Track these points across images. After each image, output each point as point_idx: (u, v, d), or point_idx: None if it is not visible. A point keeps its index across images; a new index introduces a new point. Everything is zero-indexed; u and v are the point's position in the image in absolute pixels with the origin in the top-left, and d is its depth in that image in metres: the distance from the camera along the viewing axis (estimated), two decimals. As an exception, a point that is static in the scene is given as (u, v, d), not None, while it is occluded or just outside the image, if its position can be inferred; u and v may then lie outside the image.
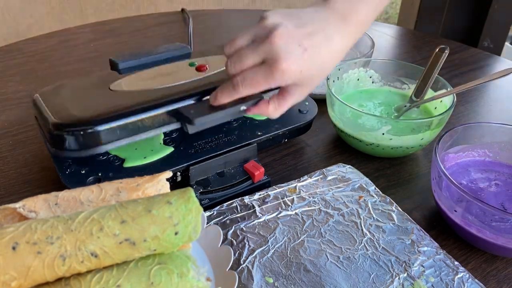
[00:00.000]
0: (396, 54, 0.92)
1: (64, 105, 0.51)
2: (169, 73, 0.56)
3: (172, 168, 0.51)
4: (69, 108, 0.50)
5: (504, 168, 0.56)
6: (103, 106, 0.49)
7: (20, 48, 0.87)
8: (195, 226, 0.35)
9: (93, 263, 0.32)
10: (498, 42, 1.58)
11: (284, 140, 0.61)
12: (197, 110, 0.48)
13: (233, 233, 0.48)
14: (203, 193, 0.53)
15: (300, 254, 0.46)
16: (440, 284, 0.43)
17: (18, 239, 0.31)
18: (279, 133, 0.59)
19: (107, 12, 1.25)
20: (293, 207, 0.51)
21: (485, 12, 1.52)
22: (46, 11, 1.18)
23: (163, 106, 0.49)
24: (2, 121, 0.67)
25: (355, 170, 0.57)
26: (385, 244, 0.47)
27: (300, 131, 0.62)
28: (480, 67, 0.87)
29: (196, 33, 0.94)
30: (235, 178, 0.55)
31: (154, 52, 0.60)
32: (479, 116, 0.72)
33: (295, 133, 0.62)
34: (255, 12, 1.10)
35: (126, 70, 0.58)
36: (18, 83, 0.76)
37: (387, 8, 2.76)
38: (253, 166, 0.55)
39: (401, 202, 0.54)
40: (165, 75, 0.56)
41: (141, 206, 0.34)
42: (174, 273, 0.34)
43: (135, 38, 0.92)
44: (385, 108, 0.67)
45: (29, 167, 0.58)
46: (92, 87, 0.56)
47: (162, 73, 0.56)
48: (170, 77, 0.55)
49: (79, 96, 0.53)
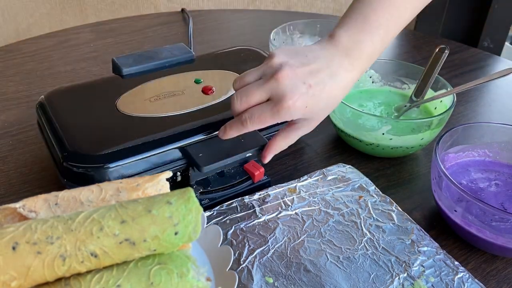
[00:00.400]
0: (396, 54, 0.92)
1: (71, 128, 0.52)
2: (176, 92, 0.57)
3: (172, 168, 0.52)
4: (77, 136, 0.51)
5: (504, 168, 0.56)
6: (114, 141, 0.50)
7: (20, 48, 0.87)
8: (195, 226, 0.35)
9: (93, 263, 0.32)
10: (498, 42, 1.58)
11: None
12: (206, 158, 0.50)
13: (233, 233, 0.48)
14: (203, 193, 0.53)
15: (300, 254, 0.46)
16: (440, 284, 0.43)
17: (18, 239, 0.31)
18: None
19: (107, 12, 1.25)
20: (293, 207, 0.51)
21: (485, 12, 1.52)
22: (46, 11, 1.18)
23: (174, 149, 0.51)
24: (2, 121, 0.67)
25: (355, 170, 0.57)
26: (385, 244, 0.47)
27: None
28: (480, 67, 0.87)
29: (196, 33, 0.94)
30: (235, 178, 0.55)
31: (158, 57, 0.61)
32: (479, 116, 0.72)
33: None
34: (255, 12, 1.10)
35: (129, 76, 0.59)
36: (18, 83, 0.76)
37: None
38: (253, 166, 0.55)
39: (401, 202, 0.54)
40: (172, 96, 0.57)
41: (141, 206, 0.34)
42: (174, 273, 0.34)
43: (135, 38, 0.92)
44: (385, 108, 0.67)
45: (29, 167, 0.58)
46: (98, 102, 0.56)
47: (168, 92, 0.57)
48: (177, 102, 0.56)
49: (86, 117, 0.54)
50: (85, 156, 0.48)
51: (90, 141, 0.50)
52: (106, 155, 0.48)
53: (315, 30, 0.83)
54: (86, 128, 0.52)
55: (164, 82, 0.59)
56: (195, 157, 0.50)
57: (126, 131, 0.51)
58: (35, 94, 0.73)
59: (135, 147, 0.49)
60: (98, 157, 0.48)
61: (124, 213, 0.33)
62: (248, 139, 0.53)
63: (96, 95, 0.57)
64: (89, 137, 0.51)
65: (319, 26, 0.83)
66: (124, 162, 0.49)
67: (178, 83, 0.59)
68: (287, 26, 0.81)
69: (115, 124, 0.52)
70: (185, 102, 0.56)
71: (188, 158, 0.51)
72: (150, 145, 0.50)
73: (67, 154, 0.49)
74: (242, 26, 1.00)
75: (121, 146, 0.49)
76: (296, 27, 0.82)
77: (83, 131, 0.51)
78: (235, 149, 0.51)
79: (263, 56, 0.67)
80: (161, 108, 0.54)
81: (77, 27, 0.96)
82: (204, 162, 0.49)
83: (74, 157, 0.49)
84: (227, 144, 0.51)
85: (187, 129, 0.52)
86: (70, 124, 0.52)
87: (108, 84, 0.59)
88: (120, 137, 0.50)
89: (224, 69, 0.63)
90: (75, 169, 0.48)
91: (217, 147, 0.51)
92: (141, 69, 0.60)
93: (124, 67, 0.59)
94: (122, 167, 0.48)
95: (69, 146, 0.49)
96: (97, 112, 0.54)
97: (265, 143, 0.52)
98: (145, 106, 0.55)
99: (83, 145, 0.49)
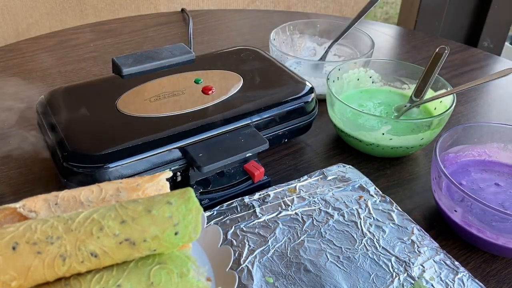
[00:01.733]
0: (396, 54, 0.92)
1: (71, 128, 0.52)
2: (176, 92, 0.57)
3: (172, 168, 0.52)
4: (77, 136, 0.51)
5: (504, 168, 0.56)
6: (115, 141, 0.50)
7: (20, 48, 0.87)
8: (195, 226, 0.35)
9: (93, 263, 0.32)
10: (498, 42, 1.58)
11: (284, 140, 0.61)
12: (206, 158, 0.50)
13: (233, 233, 0.48)
14: (203, 193, 0.53)
15: (300, 254, 0.46)
16: (440, 284, 0.43)
17: (18, 239, 0.31)
18: (279, 134, 0.59)
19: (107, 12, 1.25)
20: (293, 207, 0.51)
21: (485, 12, 1.52)
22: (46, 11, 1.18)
23: (174, 149, 0.51)
24: (2, 121, 0.67)
25: (355, 170, 0.57)
26: (385, 244, 0.47)
27: (300, 131, 0.62)
28: (480, 67, 0.87)
29: (196, 33, 0.94)
30: (235, 178, 0.55)
31: (158, 57, 0.61)
32: (479, 116, 0.72)
33: (296, 133, 0.62)
34: (255, 12, 1.10)
35: (129, 76, 0.59)
36: (18, 83, 0.76)
37: (387, 8, 2.76)
38: (253, 166, 0.55)
39: (401, 202, 0.54)
40: (172, 96, 0.57)
41: (141, 206, 0.34)
42: (174, 273, 0.34)
43: (135, 38, 0.92)
44: (385, 108, 0.67)
45: (29, 167, 0.58)
46: (98, 102, 0.56)
47: (168, 92, 0.57)
48: (177, 102, 0.56)
49: (86, 116, 0.54)
50: (86, 156, 0.48)
51: (90, 141, 0.50)
52: (107, 155, 0.48)
53: (315, 30, 0.83)
54: (86, 128, 0.52)
55: (164, 82, 0.59)
56: (195, 157, 0.50)
57: (127, 131, 0.51)
58: (35, 94, 0.73)
59: (136, 147, 0.49)
60: (98, 157, 0.48)
61: (124, 213, 0.33)
62: (248, 139, 0.53)
63: (96, 95, 0.57)
64: (89, 137, 0.51)
65: (319, 26, 0.83)
66: (124, 162, 0.49)
67: (178, 83, 0.59)
68: (287, 26, 0.81)
69: (116, 124, 0.52)
70: (185, 102, 0.56)
71: (188, 158, 0.51)
72: (150, 145, 0.50)
73: (67, 154, 0.49)
74: (242, 26, 1.00)
75: (122, 146, 0.49)
76: (296, 27, 0.82)
77: (83, 131, 0.51)
78: (235, 149, 0.51)
79: (263, 56, 0.67)
80: (161, 108, 0.54)
81: (77, 27, 0.96)
82: (205, 162, 0.49)
83: (74, 157, 0.49)
84: (227, 144, 0.52)
85: (187, 129, 0.52)
86: (70, 124, 0.52)
87: (108, 84, 0.59)
88: (121, 137, 0.50)
89: (224, 69, 0.63)
90: (75, 169, 0.48)
91: (217, 147, 0.51)
92: (141, 69, 0.59)
93: (124, 67, 0.58)
94: (122, 167, 0.49)
95: (69, 146, 0.49)
96: (97, 112, 0.54)
97: (265, 143, 0.52)
98: (145, 106, 0.55)
99: (83, 145, 0.49)
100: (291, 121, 0.60)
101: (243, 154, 0.51)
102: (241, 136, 0.53)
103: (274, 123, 0.58)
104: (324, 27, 0.83)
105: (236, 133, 0.54)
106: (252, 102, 0.57)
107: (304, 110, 0.60)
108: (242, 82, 0.60)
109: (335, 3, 1.48)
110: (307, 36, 0.83)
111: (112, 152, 0.49)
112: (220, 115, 0.54)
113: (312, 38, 0.83)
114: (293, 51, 0.82)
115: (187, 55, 0.63)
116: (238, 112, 0.55)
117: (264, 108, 0.57)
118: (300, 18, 0.85)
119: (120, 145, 0.49)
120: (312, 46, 0.83)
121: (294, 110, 0.59)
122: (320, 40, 0.83)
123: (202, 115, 0.54)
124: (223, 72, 0.62)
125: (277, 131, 0.59)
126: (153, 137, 0.51)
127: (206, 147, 0.51)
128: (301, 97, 0.59)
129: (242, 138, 0.52)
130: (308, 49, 0.83)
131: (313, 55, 0.82)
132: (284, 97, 0.59)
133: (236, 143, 0.52)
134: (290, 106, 0.58)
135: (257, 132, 0.54)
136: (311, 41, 0.83)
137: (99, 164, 0.48)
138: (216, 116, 0.54)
